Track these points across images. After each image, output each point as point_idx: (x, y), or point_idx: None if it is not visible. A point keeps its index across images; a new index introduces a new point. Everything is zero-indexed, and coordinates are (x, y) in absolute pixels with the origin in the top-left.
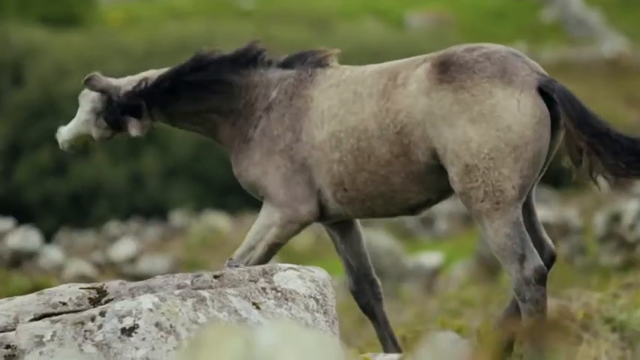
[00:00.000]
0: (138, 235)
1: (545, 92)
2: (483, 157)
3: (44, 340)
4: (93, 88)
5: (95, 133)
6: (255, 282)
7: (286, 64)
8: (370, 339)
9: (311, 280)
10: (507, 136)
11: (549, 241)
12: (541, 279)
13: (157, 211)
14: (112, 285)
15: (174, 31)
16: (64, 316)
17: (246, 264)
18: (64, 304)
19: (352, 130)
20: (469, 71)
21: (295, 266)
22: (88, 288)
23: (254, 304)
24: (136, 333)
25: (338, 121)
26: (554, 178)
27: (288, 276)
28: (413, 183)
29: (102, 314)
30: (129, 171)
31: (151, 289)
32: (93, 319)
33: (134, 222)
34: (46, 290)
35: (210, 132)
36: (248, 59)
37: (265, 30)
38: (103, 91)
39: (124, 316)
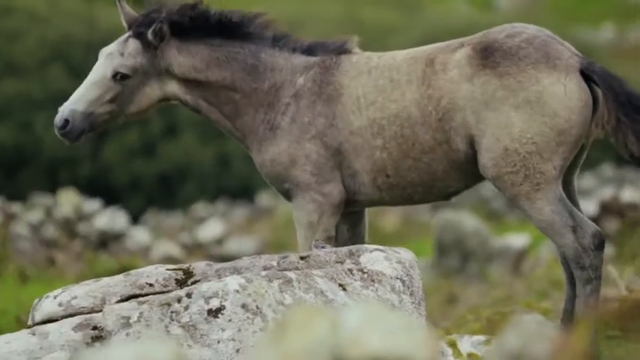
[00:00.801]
0: (225, 217)
1: (586, 74)
2: (525, 141)
3: (131, 321)
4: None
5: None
6: (342, 263)
7: (309, 51)
8: (457, 320)
9: (397, 261)
10: (553, 122)
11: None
12: (600, 244)
13: (244, 193)
14: (199, 266)
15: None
16: (150, 297)
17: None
18: (151, 285)
19: (394, 118)
20: (514, 57)
21: (382, 247)
22: (174, 269)
23: (340, 285)
24: (222, 314)
25: (377, 108)
26: None
27: (374, 257)
28: (454, 171)
29: (188, 295)
30: (216, 152)
31: (237, 271)
32: (179, 301)
33: (221, 203)
34: (132, 271)
35: (229, 115)
36: (276, 39)
37: (354, 11)
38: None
39: (210, 298)
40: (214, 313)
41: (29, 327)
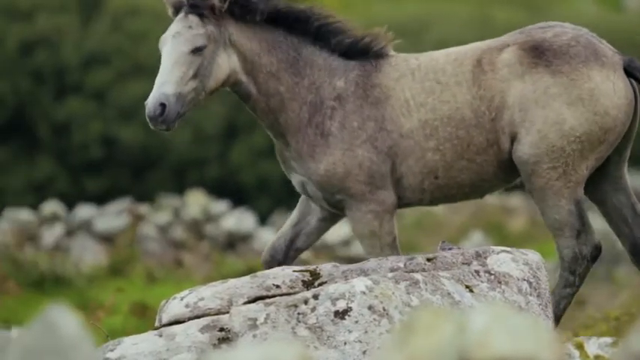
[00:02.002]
0: None
1: (628, 71)
2: (574, 139)
3: (257, 322)
4: None
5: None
6: (469, 265)
7: (346, 54)
8: (585, 322)
9: (524, 262)
10: (602, 120)
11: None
12: (596, 257)
13: None
14: (326, 267)
15: (389, 13)
16: (277, 298)
17: None
18: (278, 286)
19: (448, 119)
20: (565, 56)
21: (508, 249)
22: (301, 271)
23: (467, 287)
24: (349, 316)
25: (429, 109)
26: None
27: (501, 259)
28: (501, 170)
29: (315, 297)
30: None
31: (364, 272)
32: (306, 302)
33: None
34: (259, 273)
35: (274, 109)
36: (319, 37)
37: (482, 10)
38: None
39: (337, 299)
40: (341, 314)
41: (156, 328)
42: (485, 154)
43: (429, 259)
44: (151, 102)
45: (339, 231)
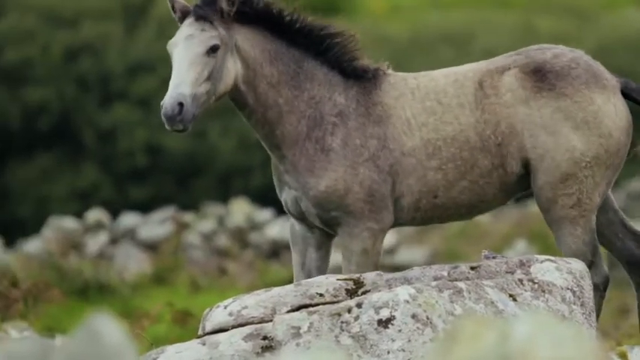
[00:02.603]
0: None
1: (626, 93)
2: (585, 165)
3: (301, 331)
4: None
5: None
6: (512, 273)
7: (344, 72)
8: (629, 331)
9: (568, 271)
10: (608, 143)
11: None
12: (606, 287)
13: None
14: (369, 276)
15: (436, 21)
16: (320, 307)
17: None
18: (321, 295)
19: (451, 140)
20: (567, 77)
21: (552, 258)
22: (345, 279)
23: (511, 295)
24: (392, 324)
25: (431, 129)
26: None
27: (545, 267)
28: (501, 193)
29: (358, 306)
30: None
31: (407, 281)
32: (349, 311)
33: None
34: (303, 281)
35: (271, 121)
36: (321, 51)
37: (528, 20)
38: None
39: (380, 308)
40: (384, 323)
41: (200, 337)
42: (489, 177)
43: (472, 268)
44: (168, 102)
45: (385, 240)
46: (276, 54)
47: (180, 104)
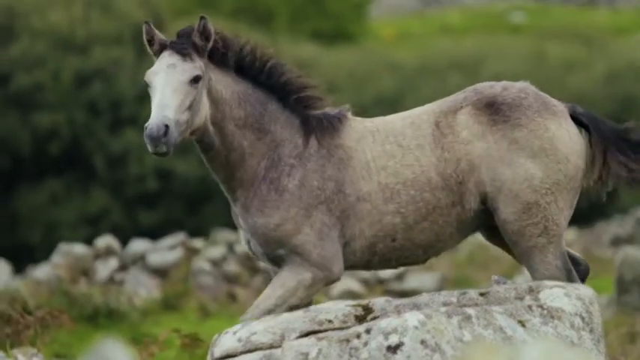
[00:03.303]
0: None
1: (575, 117)
2: (545, 192)
3: (309, 357)
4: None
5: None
6: (522, 299)
7: (304, 116)
8: (637, 358)
9: (577, 297)
10: (566, 167)
11: (580, 257)
12: None
13: None
14: (378, 302)
15: (445, 48)
16: (329, 333)
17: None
18: (330, 321)
19: (412, 182)
20: (520, 108)
21: (561, 284)
22: (354, 305)
23: (520, 321)
24: (401, 351)
25: (390, 173)
26: None
27: (554, 293)
28: (458, 232)
29: (367, 331)
30: None
31: (416, 307)
32: (358, 337)
33: None
34: (312, 307)
35: (233, 164)
36: (284, 95)
37: (537, 46)
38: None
39: (389, 334)
40: (393, 349)
41: None
42: (448, 216)
43: (481, 294)
44: (154, 122)
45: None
46: (244, 95)
47: (166, 126)
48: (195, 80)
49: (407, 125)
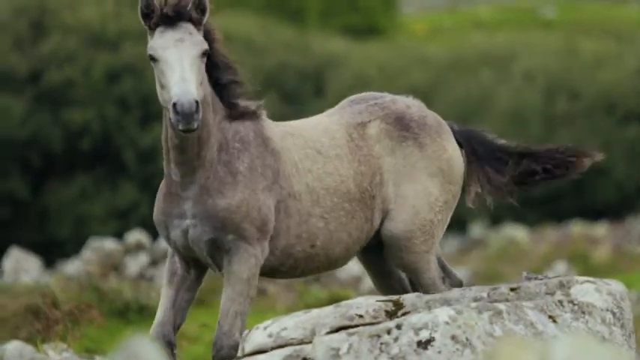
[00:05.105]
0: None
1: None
2: (438, 209)
3: (340, 352)
4: None
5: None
6: (552, 295)
7: (230, 105)
8: None
9: (608, 293)
10: (454, 189)
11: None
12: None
13: (456, 223)
14: (409, 297)
15: (477, 43)
16: (360, 328)
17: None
18: (361, 316)
19: (334, 190)
20: (425, 127)
21: (592, 279)
22: (384, 300)
23: (550, 317)
24: (431, 346)
25: (316, 177)
26: None
27: (585, 289)
28: (359, 248)
29: (398, 327)
30: None
31: (447, 302)
32: (389, 332)
33: None
34: (343, 303)
35: (202, 141)
36: (218, 85)
37: (568, 41)
38: None
39: (420, 329)
40: (424, 344)
41: (239, 358)
42: (361, 232)
43: (512, 289)
44: (185, 99)
45: None
46: (204, 77)
47: (197, 102)
48: (204, 54)
49: (321, 133)
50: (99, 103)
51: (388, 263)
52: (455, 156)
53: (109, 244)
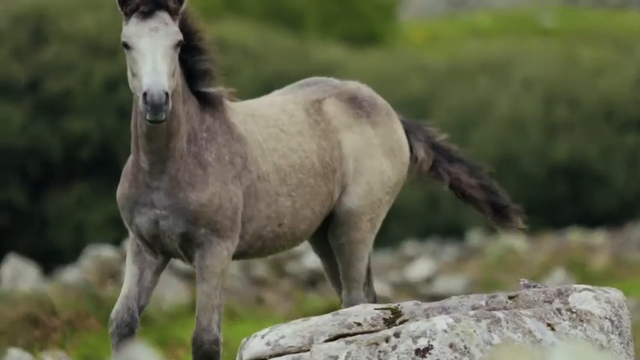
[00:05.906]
0: (434, 256)
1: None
2: (388, 190)
3: None
4: None
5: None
6: (550, 303)
7: (197, 90)
8: None
9: (606, 301)
10: (404, 170)
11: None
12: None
13: (453, 231)
14: (407, 305)
15: (475, 50)
16: (358, 336)
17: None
18: (359, 324)
19: (299, 166)
20: (376, 107)
21: (590, 287)
22: (383, 308)
23: (549, 325)
24: (430, 354)
25: (281, 155)
26: None
27: (583, 297)
28: (320, 224)
29: (396, 335)
30: (424, 192)
31: (445, 310)
32: (387, 340)
33: (431, 242)
34: (341, 311)
35: (171, 133)
36: (188, 70)
37: (567, 48)
38: None
39: (418, 337)
40: (422, 352)
41: None
42: (323, 206)
43: (510, 297)
44: (155, 89)
45: (421, 269)
46: (177, 63)
47: (166, 94)
48: (178, 45)
49: (278, 112)
50: (98, 112)
51: (330, 243)
52: (403, 140)
53: (107, 251)
